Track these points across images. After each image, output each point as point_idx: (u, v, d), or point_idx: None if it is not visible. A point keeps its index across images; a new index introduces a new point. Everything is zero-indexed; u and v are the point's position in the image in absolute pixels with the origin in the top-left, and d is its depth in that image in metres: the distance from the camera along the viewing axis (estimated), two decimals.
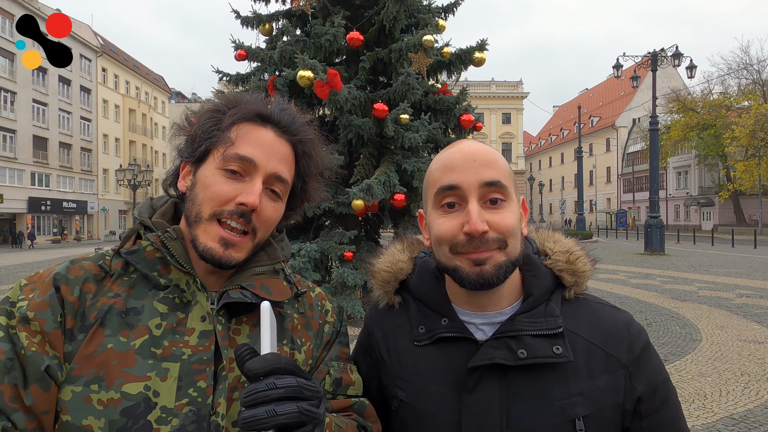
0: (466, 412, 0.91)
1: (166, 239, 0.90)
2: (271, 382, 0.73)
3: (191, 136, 0.96)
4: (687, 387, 5.12)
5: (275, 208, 0.95)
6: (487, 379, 0.90)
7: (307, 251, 6.81)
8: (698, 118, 39.49)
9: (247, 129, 0.93)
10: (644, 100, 45.36)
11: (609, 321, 0.96)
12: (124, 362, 0.81)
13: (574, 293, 0.98)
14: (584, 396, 0.89)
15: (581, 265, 0.99)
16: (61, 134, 43.15)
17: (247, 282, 0.92)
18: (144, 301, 0.87)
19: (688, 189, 48.60)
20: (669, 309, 9.11)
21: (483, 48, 7.99)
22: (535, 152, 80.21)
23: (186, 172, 0.97)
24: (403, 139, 6.95)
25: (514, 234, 0.90)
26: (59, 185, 43.18)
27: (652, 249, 20.56)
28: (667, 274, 14.35)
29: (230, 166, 0.89)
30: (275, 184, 0.93)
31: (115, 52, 52.57)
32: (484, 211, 0.89)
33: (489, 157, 0.92)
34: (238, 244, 0.89)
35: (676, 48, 21.04)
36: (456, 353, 0.94)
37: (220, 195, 0.88)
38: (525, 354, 0.89)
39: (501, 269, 0.88)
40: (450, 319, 0.97)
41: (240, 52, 8.01)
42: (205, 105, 1.00)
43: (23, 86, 38.54)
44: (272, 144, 0.94)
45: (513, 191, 0.93)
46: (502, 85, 58.71)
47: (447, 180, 0.91)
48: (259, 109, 0.95)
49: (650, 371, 0.93)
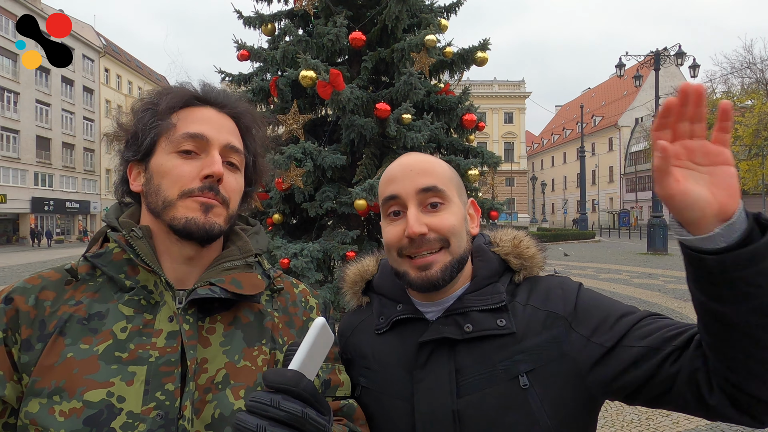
0: (417, 386, 0.95)
1: (131, 239, 0.88)
2: (277, 400, 0.71)
3: (132, 135, 0.94)
4: None
5: (236, 179, 0.95)
6: (437, 354, 0.96)
7: (310, 251, 6.81)
8: None
9: (187, 112, 0.93)
10: (647, 100, 45.26)
11: (546, 285, 1.02)
12: (86, 370, 0.79)
13: (523, 276, 1.04)
14: (525, 353, 0.93)
15: (525, 248, 1.06)
16: (64, 134, 43.27)
17: (216, 278, 0.90)
18: (109, 305, 0.85)
19: None
20: (672, 309, 9.10)
21: (485, 47, 7.98)
22: (538, 152, 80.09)
23: (135, 173, 0.95)
24: (405, 138, 6.95)
25: (455, 233, 0.97)
26: (62, 185, 43.30)
27: (655, 249, 20.54)
28: (671, 273, 14.32)
29: (183, 146, 0.89)
30: (231, 155, 0.94)
31: (117, 53, 52.68)
32: (424, 215, 0.97)
33: (425, 166, 1.00)
34: (216, 205, 0.88)
35: (678, 47, 21.00)
36: (409, 334, 1.01)
37: (182, 176, 0.87)
38: (471, 328, 0.95)
39: (447, 270, 0.96)
40: (404, 304, 1.05)
41: (242, 52, 8.02)
42: (134, 105, 0.98)
43: (26, 87, 38.64)
44: (216, 119, 0.94)
45: (454, 194, 1.01)
46: (504, 84, 58.66)
47: (389, 191, 1.00)
48: (193, 93, 0.95)
49: (588, 311, 0.96)
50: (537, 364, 0.92)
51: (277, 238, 7.38)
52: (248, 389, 0.85)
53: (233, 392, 0.84)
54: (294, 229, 8.21)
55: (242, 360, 0.88)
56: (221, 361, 0.86)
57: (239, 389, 0.85)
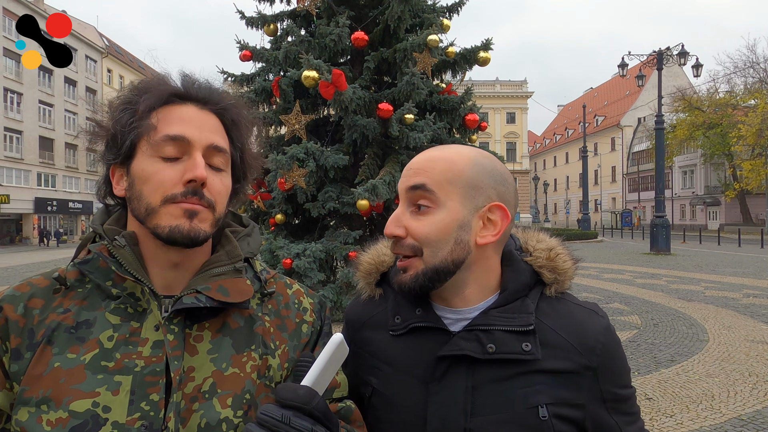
0: (432, 399, 0.92)
1: (113, 248, 0.85)
2: (288, 416, 0.72)
3: (110, 136, 0.90)
4: (694, 387, 5.09)
5: (222, 181, 0.90)
6: (455, 369, 0.92)
7: (312, 251, 6.81)
8: (704, 117, 39.28)
9: (167, 111, 0.88)
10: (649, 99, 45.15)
11: (586, 322, 0.96)
12: (72, 379, 0.78)
13: (555, 291, 0.99)
14: (547, 386, 0.89)
15: (561, 262, 1.00)
16: (66, 135, 43.33)
17: (203, 285, 0.87)
18: (96, 313, 0.83)
19: (694, 188, 48.35)
20: (675, 309, 9.07)
21: (488, 47, 7.97)
22: (540, 152, 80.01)
23: (118, 176, 0.91)
24: (408, 138, 6.94)
25: (430, 243, 0.91)
26: (65, 186, 43.42)
27: (657, 249, 20.47)
28: (674, 273, 14.28)
29: (163, 151, 0.85)
30: (214, 156, 0.89)
31: (120, 53, 52.80)
32: (407, 216, 0.93)
33: (425, 164, 0.94)
34: (201, 211, 0.85)
35: (681, 47, 20.94)
36: (428, 343, 0.95)
37: (164, 181, 0.84)
38: (494, 348, 0.90)
39: (418, 277, 0.92)
40: (424, 310, 0.98)
41: (245, 53, 8.03)
42: (112, 103, 0.94)
43: (29, 87, 38.76)
44: (198, 117, 0.89)
45: (451, 198, 0.92)
46: (507, 84, 58.61)
47: (398, 185, 0.99)
48: (173, 89, 0.90)
49: (615, 375, 0.96)
50: (557, 400, 0.89)
51: (279, 239, 7.38)
52: (236, 397, 0.84)
53: (220, 401, 0.83)
54: (296, 230, 8.21)
55: (230, 367, 0.86)
56: (208, 370, 0.84)
57: (227, 398, 0.83)
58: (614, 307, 9.32)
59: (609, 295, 10.73)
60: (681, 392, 4.99)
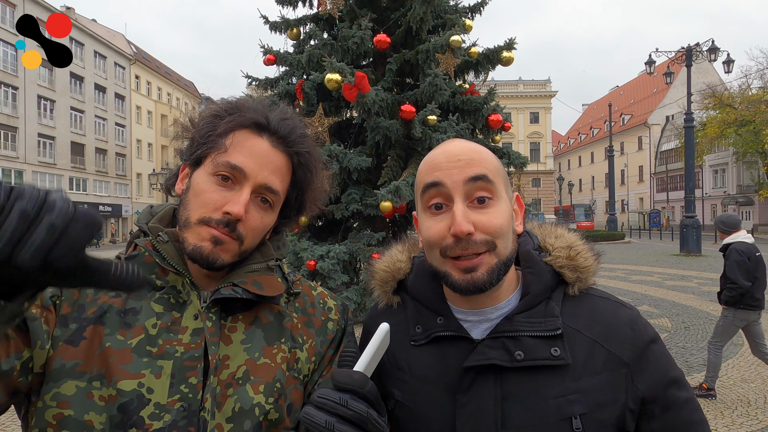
0: (460, 411, 0.89)
1: (157, 243, 0.92)
2: (345, 399, 0.75)
3: (191, 139, 0.98)
4: (729, 393, 4.94)
5: (263, 218, 0.95)
6: (482, 378, 0.89)
7: (336, 253, 6.85)
8: (736, 114, 38.09)
9: (243, 137, 0.93)
10: (678, 97, 44.04)
11: (612, 317, 0.92)
12: (121, 360, 0.84)
13: (578, 289, 0.95)
14: (581, 393, 0.85)
15: (582, 260, 0.96)
16: (97, 140, 44.57)
17: (239, 279, 0.94)
18: (142, 302, 0.90)
19: (726, 188, 46.95)
20: (708, 312, 8.82)
21: (511, 47, 7.90)
22: (564, 152, 78.81)
23: (184, 174, 0.99)
24: (430, 140, 6.92)
25: (503, 234, 0.88)
26: (95, 189, 44.60)
27: (688, 250, 19.95)
28: (705, 275, 13.89)
29: (221, 172, 0.91)
30: (266, 194, 0.94)
31: (147, 60, 54.05)
32: (471, 212, 0.87)
33: (474, 155, 0.91)
34: (226, 242, 0.90)
35: (712, 42, 20.37)
36: (452, 353, 0.93)
37: (208, 203, 0.90)
38: (522, 356, 0.87)
39: (494, 273, 0.87)
40: (445, 318, 0.96)
41: (269, 57, 8.13)
42: (206, 109, 1.00)
43: (61, 94, 39.98)
44: (266, 154, 0.94)
45: (502, 188, 0.91)
46: (530, 84, 57.94)
47: (431, 177, 0.90)
48: (257, 118, 0.95)
49: (655, 370, 0.88)
50: (591, 408, 0.85)
51: (303, 241, 7.44)
52: (267, 384, 0.90)
53: (253, 387, 0.89)
54: (320, 231, 8.27)
55: (262, 357, 0.92)
56: (242, 358, 0.90)
57: (259, 385, 0.89)
58: (643, 309, 9.11)
59: (637, 297, 10.50)
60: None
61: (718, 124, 39.47)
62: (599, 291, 0.99)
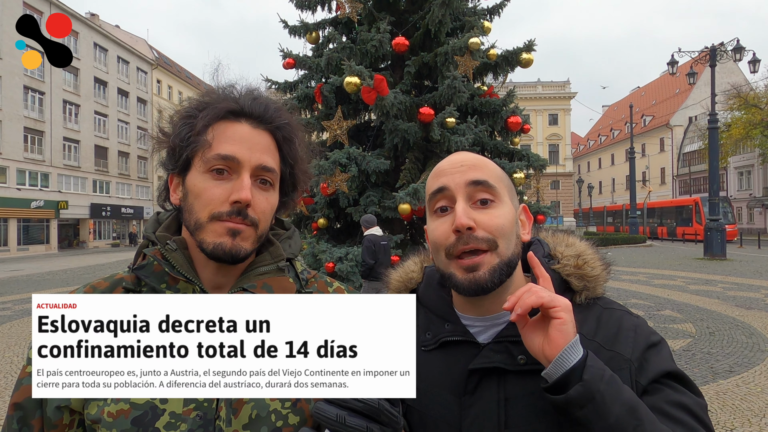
0: (466, 413, 0.92)
1: (166, 252, 0.93)
2: (342, 416, 0.76)
3: (170, 147, 0.96)
4: (756, 401, 4.82)
5: (268, 199, 0.95)
6: (486, 381, 0.92)
7: (354, 255, 6.87)
8: (762, 114, 37.19)
9: (223, 128, 0.93)
10: (701, 98, 43.16)
11: (617, 324, 0.94)
12: None
13: (586, 298, 0.97)
14: None
15: (589, 269, 0.98)
16: (119, 143, 45.51)
17: (249, 283, 0.95)
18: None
19: (752, 190, 45.80)
20: (733, 317, 8.61)
21: (530, 49, 7.85)
22: (584, 153, 77.80)
23: (175, 184, 0.98)
24: (449, 142, 6.91)
25: (504, 234, 0.91)
26: (118, 192, 45.52)
27: (712, 254, 19.51)
28: (730, 280, 13.58)
29: (215, 166, 0.90)
30: (263, 174, 0.94)
31: (168, 64, 55.02)
32: (473, 211, 0.92)
33: (476, 162, 0.96)
34: (243, 231, 0.90)
35: (737, 42, 19.93)
36: (458, 357, 0.96)
37: (213, 199, 0.90)
38: (524, 360, 0.90)
39: (495, 273, 0.90)
40: (452, 323, 0.99)
41: (288, 60, 8.21)
42: (177, 113, 1.00)
43: (86, 99, 40.90)
44: (250, 137, 0.94)
45: (506, 195, 0.96)
46: (549, 85, 57.37)
47: (437, 184, 0.96)
48: (230, 106, 0.95)
49: (656, 364, 0.89)
50: None
51: (322, 243, 7.48)
52: None
53: None
54: (338, 233, 8.30)
55: None
56: None
57: None
58: (666, 314, 8.95)
59: (660, 301, 10.31)
60: (741, 405, 4.73)
61: (744, 125, 38.56)
62: (608, 301, 1.00)
